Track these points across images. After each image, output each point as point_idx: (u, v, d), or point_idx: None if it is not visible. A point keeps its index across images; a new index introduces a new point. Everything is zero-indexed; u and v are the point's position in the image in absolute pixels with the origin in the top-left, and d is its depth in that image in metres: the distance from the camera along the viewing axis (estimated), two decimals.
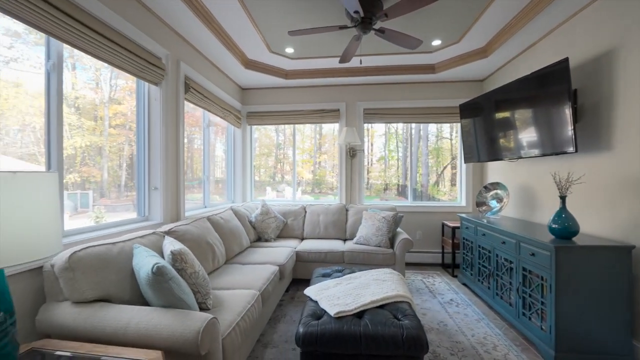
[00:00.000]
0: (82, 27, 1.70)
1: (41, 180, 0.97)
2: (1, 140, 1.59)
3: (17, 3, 1.37)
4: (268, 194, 4.76)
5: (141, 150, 2.48)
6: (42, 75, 1.71)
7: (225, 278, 2.20)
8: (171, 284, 1.36)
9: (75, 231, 1.87)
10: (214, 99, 3.37)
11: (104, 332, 1.25)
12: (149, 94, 2.50)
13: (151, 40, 2.32)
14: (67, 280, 1.35)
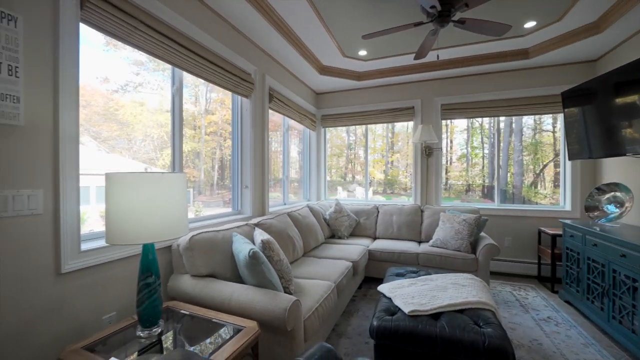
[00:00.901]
0: (195, 57, 2.12)
1: (176, 180, 1.28)
2: (131, 148, 2.10)
3: (154, 43, 1.80)
4: (339, 194, 4.91)
5: (235, 154, 2.91)
6: (160, 95, 2.18)
7: (303, 269, 2.41)
8: (263, 268, 1.60)
9: (189, 220, 2.32)
10: (292, 106, 3.68)
11: (213, 301, 1.55)
12: (242, 106, 2.91)
13: (243, 59, 2.70)
14: (188, 258, 1.72)
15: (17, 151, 1.19)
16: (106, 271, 1.53)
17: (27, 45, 1.21)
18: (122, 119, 2.06)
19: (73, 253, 1.37)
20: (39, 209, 1.26)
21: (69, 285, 1.37)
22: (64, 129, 1.34)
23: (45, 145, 1.28)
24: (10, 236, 1.18)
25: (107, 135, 2.18)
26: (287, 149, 4.02)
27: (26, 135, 1.22)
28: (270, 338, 1.48)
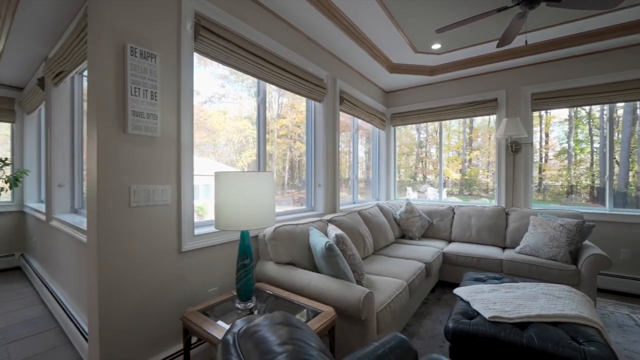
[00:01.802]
0: (276, 68, 2.38)
1: (266, 178, 1.50)
2: (216, 151, 2.46)
3: (244, 61, 2.11)
4: (409, 195, 4.76)
5: (309, 154, 3.13)
6: (239, 104, 2.49)
7: (374, 266, 2.47)
8: (337, 260, 1.72)
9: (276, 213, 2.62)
10: (362, 106, 3.75)
11: (294, 285, 1.75)
12: (315, 110, 3.12)
13: (315, 65, 2.89)
14: (272, 246, 1.97)
15: (155, 156, 1.57)
16: (211, 253, 1.87)
17: (161, 75, 1.58)
18: (210, 127, 2.45)
19: (189, 236, 1.73)
20: (168, 200, 1.63)
21: (187, 261, 1.73)
22: (184, 138, 1.70)
23: (172, 152, 1.65)
24: (150, 220, 1.56)
25: (198, 141, 2.58)
26: (356, 149, 4.10)
27: (161, 144, 1.60)
28: (344, 325, 1.59)
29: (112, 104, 1.41)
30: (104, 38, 1.38)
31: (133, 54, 1.44)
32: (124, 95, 1.44)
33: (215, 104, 2.44)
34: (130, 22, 1.46)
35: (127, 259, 1.47)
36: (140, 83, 1.47)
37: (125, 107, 1.44)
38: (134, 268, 1.49)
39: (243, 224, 1.41)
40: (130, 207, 1.48)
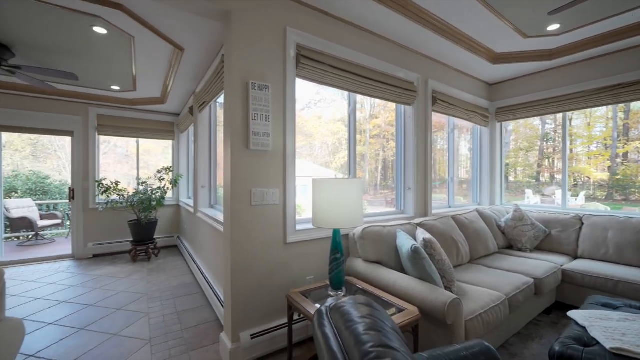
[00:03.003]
0: (364, 80, 2.54)
1: (355, 184, 1.69)
2: (312, 154, 2.74)
3: (337, 78, 2.35)
4: (528, 199, 4.09)
5: (399, 157, 3.17)
6: (333, 107, 2.72)
7: (468, 275, 2.34)
8: (424, 262, 1.77)
9: None
10: (458, 104, 3.52)
11: (380, 282, 1.88)
12: (405, 113, 3.14)
13: (405, 70, 2.91)
14: (361, 245, 2.15)
15: (267, 165, 1.98)
16: (309, 246, 2.19)
17: (272, 102, 1.98)
18: (306, 131, 2.76)
19: (292, 230, 2.08)
20: (277, 200, 2.02)
21: (290, 252, 2.09)
22: (288, 150, 2.06)
23: (279, 162, 2.03)
24: (264, 217, 1.97)
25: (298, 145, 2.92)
26: (453, 150, 3.86)
27: (271, 156, 1.99)
28: (430, 327, 1.63)
29: (240, 127, 1.87)
30: (234, 78, 1.85)
31: (253, 87, 1.87)
32: (247, 120, 1.88)
33: (311, 110, 2.73)
34: (251, 64, 1.89)
35: (250, 246, 1.91)
36: (258, 109, 1.89)
37: (248, 129, 1.88)
38: (254, 253, 1.92)
39: (334, 223, 1.64)
40: (251, 205, 1.92)
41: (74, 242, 4.47)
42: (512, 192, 4.12)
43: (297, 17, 2.09)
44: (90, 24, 2.23)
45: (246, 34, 1.88)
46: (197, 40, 2.50)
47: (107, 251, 4.59)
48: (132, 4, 2.00)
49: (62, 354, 1.96)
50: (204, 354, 1.97)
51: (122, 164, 9.14)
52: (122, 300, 2.82)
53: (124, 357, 1.93)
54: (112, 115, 4.65)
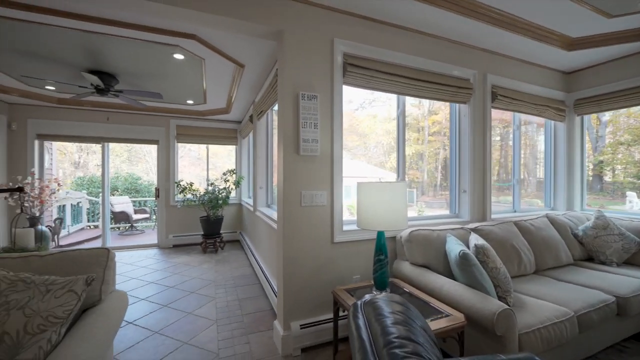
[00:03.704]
0: (413, 81, 2.51)
1: (399, 187, 1.72)
2: (367, 154, 2.76)
3: (383, 82, 2.38)
4: (630, 203, 3.47)
5: (453, 158, 3.03)
6: (388, 105, 2.70)
7: (531, 286, 2.14)
8: (473, 269, 1.70)
9: (410, 218, 2.76)
10: (525, 99, 3.20)
11: (426, 286, 1.86)
12: (459, 111, 2.99)
13: (459, 67, 2.78)
14: (408, 248, 2.15)
15: (316, 169, 2.12)
16: (356, 246, 2.27)
17: (320, 110, 2.11)
18: (360, 131, 2.79)
19: (339, 230, 2.19)
20: (324, 202, 2.15)
21: (337, 251, 2.20)
22: (335, 154, 2.17)
23: (327, 165, 2.16)
24: (313, 217, 2.12)
25: (351, 145, 2.93)
26: (519, 149, 3.52)
27: (319, 160, 2.13)
28: (479, 336, 1.57)
29: (291, 134, 2.05)
30: (286, 90, 2.03)
31: (303, 98, 2.03)
32: (297, 128, 2.05)
33: (366, 109, 2.74)
34: (301, 77, 2.06)
35: (299, 243, 2.07)
36: (307, 118, 2.04)
37: (298, 136, 2.05)
38: (303, 250, 2.09)
39: (378, 225, 1.69)
40: (301, 206, 2.08)
41: (158, 234, 5.30)
42: (607, 195, 3.53)
43: (344, 28, 2.19)
44: (171, 52, 2.67)
45: (296, 49, 2.05)
46: (255, 57, 2.78)
47: (183, 242, 5.32)
48: (202, 33, 2.34)
49: (152, 324, 2.40)
50: (260, 337, 2.20)
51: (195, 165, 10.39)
52: (194, 285, 3.28)
53: (196, 332, 2.27)
54: (187, 125, 5.37)
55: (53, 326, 1.08)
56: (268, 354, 2.01)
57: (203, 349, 2.06)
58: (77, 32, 2.32)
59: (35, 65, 3.01)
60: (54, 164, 5.92)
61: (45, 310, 1.10)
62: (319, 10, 2.10)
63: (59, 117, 4.65)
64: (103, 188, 5.18)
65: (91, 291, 1.35)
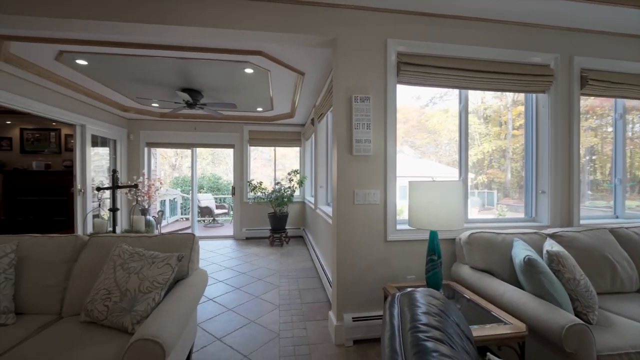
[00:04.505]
0: (477, 74, 2.34)
1: (453, 186, 1.67)
2: (438, 152, 2.64)
3: (442, 78, 2.29)
4: None
5: (529, 155, 2.71)
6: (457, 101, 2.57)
7: (628, 306, 1.80)
8: (541, 277, 1.54)
9: (476, 220, 2.59)
10: (629, 81, 2.65)
11: (486, 292, 1.75)
12: (536, 102, 2.66)
13: (536, 52, 2.47)
14: (467, 251, 2.04)
15: (368, 169, 2.18)
16: (410, 246, 2.25)
17: (373, 111, 2.17)
18: (430, 128, 2.64)
19: (392, 229, 2.21)
20: (377, 201, 2.20)
21: (390, 249, 2.22)
22: (389, 154, 2.20)
23: (380, 165, 2.20)
24: (365, 215, 2.18)
25: (419, 143, 2.80)
26: (622, 142, 2.93)
27: (372, 160, 2.19)
28: (545, 351, 1.42)
29: (344, 136, 2.15)
30: (339, 95, 2.15)
31: (356, 100, 2.12)
32: (351, 129, 2.15)
33: (437, 105, 2.57)
34: (354, 80, 2.15)
35: (352, 239, 2.17)
36: (359, 119, 2.12)
37: (351, 137, 2.15)
38: (356, 246, 2.17)
39: (429, 224, 1.67)
40: (354, 204, 2.17)
41: (234, 227, 6.00)
42: None
43: (397, 28, 2.20)
44: (243, 68, 3.05)
45: (349, 55, 2.15)
46: (314, 65, 2.97)
47: (254, 235, 5.92)
48: (267, 48, 2.63)
49: (226, 302, 2.80)
50: (316, 325, 2.37)
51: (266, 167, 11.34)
52: (262, 273, 3.67)
53: (262, 313, 2.57)
54: (257, 130, 5.95)
55: (156, 289, 1.42)
56: (322, 340, 2.16)
57: (266, 328, 2.33)
58: (173, 60, 2.87)
59: (145, 88, 3.79)
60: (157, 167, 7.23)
61: (151, 276, 1.44)
62: (370, 13, 2.15)
63: (160, 128, 5.70)
64: (192, 186, 6.12)
65: (181, 267, 1.69)
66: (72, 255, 1.70)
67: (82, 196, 4.36)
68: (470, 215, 2.58)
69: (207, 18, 1.98)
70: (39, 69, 3.12)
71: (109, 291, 1.42)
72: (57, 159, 5.81)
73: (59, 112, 3.86)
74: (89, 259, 1.68)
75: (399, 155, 2.23)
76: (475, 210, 4.04)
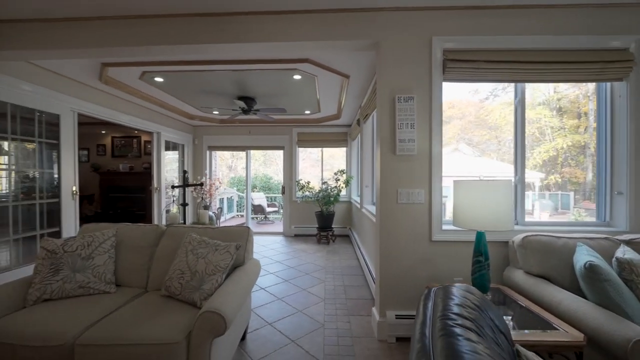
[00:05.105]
0: (535, 65, 2.18)
1: (501, 186, 1.61)
2: (500, 149, 2.47)
3: (493, 72, 2.18)
4: None
5: (602, 151, 2.41)
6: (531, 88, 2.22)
7: None
8: (606, 286, 1.41)
9: (535, 223, 2.40)
10: None
11: (540, 299, 1.65)
12: (610, 91, 2.36)
13: (610, 35, 2.20)
14: (521, 254, 1.92)
15: (412, 168, 2.19)
16: (458, 247, 2.19)
17: (417, 110, 2.17)
18: (491, 123, 2.44)
19: (438, 229, 2.18)
20: (422, 200, 2.19)
21: (435, 249, 2.19)
22: (434, 153, 2.17)
23: (425, 164, 2.19)
24: (409, 214, 2.19)
25: (478, 140, 2.59)
26: None
27: (416, 159, 2.19)
28: None
29: (387, 136, 2.20)
30: (382, 96, 2.20)
31: (399, 101, 2.14)
32: (394, 130, 2.18)
33: (499, 97, 2.33)
34: (397, 81, 2.18)
35: (396, 238, 2.20)
36: (403, 119, 2.14)
37: (394, 137, 2.18)
38: (400, 245, 2.19)
39: (475, 225, 1.64)
40: (397, 203, 2.20)
41: (284, 224, 6.35)
42: None
43: (441, 24, 2.16)
44: (292, 75, 3.27)
45: (392, 57, 2.18)
46: (358, 68, 3.05)
47: (302, 233, 6.18)
48: (313, 55, 2.79)
49: (276, 292, 3.04)
50: (360, 320, 2.45)
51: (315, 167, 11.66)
52: (309, 268, 3.85)
53: (308, 305, 2.74)
54: (305, 132, 6.21)
55: (219, 272, 1.65)
56: (365, 335, 2.23)
57: (312, 318, 2.48)
58: (231, 72, 3.20)
59: (207, 98, 4.26)
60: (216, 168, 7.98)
61: (215, 261, 1.69)
62: (413, 13, 2.16)
63: (220, 133, 6.30)
64: (246, 186, 6.64)
65: (238, 255, 1.92)
66: (155, 241, 2.06)
67: (157, 193, 5.07)
68: (540, 219, 2.39)
69: (263, 34, 2.20)
70: (127, 88, 3.74)
71: (182, 272, 1.71)
72: (138, 161, 6.81)
73: (141, 122, 4.56)
74: (167, 245, 2.01)
75: (454, 154, 2.16)
76: (546, 214, 3.66)
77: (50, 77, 3.08)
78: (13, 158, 2.82)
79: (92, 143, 6.81)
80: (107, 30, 2.26)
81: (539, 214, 3.69)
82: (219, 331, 1.34)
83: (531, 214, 3.82)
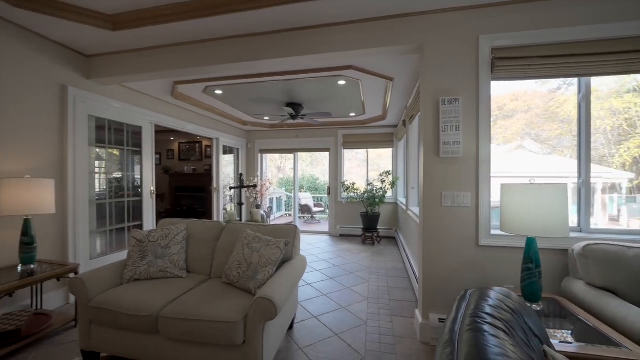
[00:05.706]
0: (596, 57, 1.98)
1: (555, 190, 1.53)
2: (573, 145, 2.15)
3: (549, 68, 2.03)
4: None
5: None
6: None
7: None
8: None
9: (603, 230, 2.18)
10: None
11: (603, 313, 1.52)
12: None
13: None
14: (581, 264, 1.78)
15: (458, 171, 2.15)
16: (508, 253, 2.09)
17: (463, 112, 2.13)
18: (564, 116, 2.17)
19: (486, 234, 2.11)
20: (468, 203, 2.14)
21: (482, 254, 2.12)
22: (482, 156, 2.11)
23: (471, 167, 2.14)
24: (454, 218, 2.16)
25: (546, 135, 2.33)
26: None
27: (462, 162, 2.15)
28: None
29: (431, 138, 2.20)
30: (426, 99, 2.20)
31: (443, 103, 2.13)
32: (438, 132, 2.18)
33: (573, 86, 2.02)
34: (442, 83, 2.17)
35: (440, 241, 2.19)
36: (447, 121, 2.13)
37: (438, 140, 2.17)
38: (444, 248, 2.18)
39: (525, 230, 1.58)
40: (441, 206, 2.19)
41: (329, 224, 6.52)
42: None
43: (488, 22, 2.09)
44: (337, 81, 3.41)
45: (437, 60, 2.18)
46: (402, 70, 3.06)
47: (347, 233, 6.28)
48: (357, 62, 2.89)
49: (322, 288, 3.20)
50: (402, 321, 2.47)
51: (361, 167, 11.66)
52: (353, 268, 3.95)
53: (351, 302, 2.84)
54: (351, 134, 6.30)
55: (270, 265, 1.86)
56: (407, 336, 2.25)
57: (355, 315, 2.58)
58: (280, 82, 3.46)
59: (259, 106, 4.63)
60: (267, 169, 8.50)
61: (266, 255, 1.90)
62: (458, 13, 2.12)
63: (270, 137, 6.74)
64: (294, 186, 6.98)
65: (287, 251, 2.12)
66: (217, 235, 2.37)
67: (217, 193, 5.64)
68: (628, 226, 2.13)
69: (311, 47, 2.38)
70: (193, 100, 4.27)
71: (240, 263, 1.95)
72: (199, 164, 7.61)
73: (203, 129, 5.14)
74: (227, 239, 2.30)
75: (518, 151, 2.02)
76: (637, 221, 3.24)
77: (134, 95, 3.68)
78: (104, 163, 3.45)
79: (163, 148, 7.80)
80: (180, 54, 2.66)
81: (627, 220, 3.29)
82: (271, 316, 1.54)
83: (616, 220, 3.40)
